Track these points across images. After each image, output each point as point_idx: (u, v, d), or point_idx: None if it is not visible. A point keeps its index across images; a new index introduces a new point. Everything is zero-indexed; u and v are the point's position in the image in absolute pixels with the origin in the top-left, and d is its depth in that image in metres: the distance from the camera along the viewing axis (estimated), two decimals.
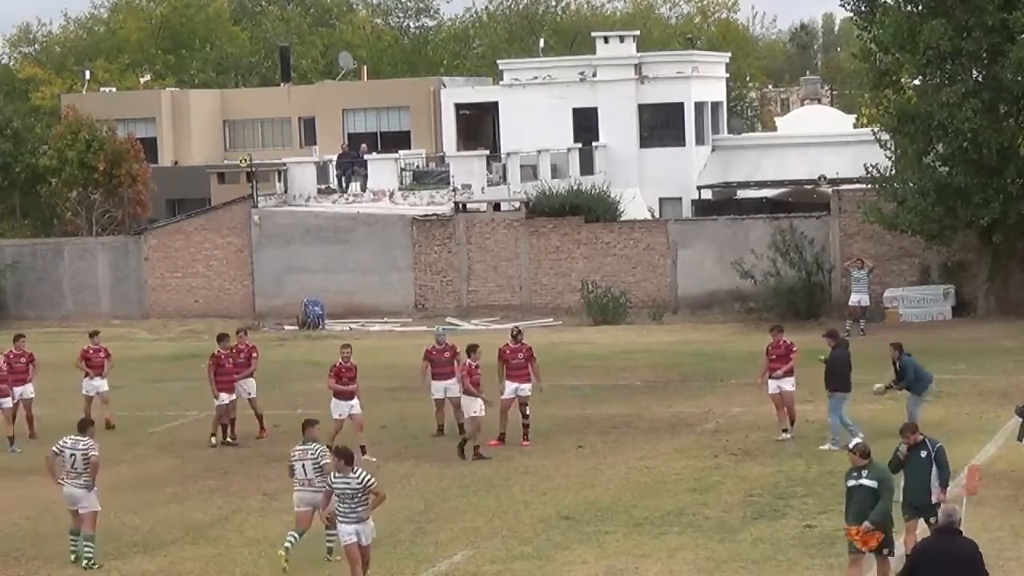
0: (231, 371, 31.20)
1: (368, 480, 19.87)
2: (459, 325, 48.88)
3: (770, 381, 29.53)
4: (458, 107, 69.39)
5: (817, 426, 28.78)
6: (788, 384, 29.42)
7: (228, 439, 31.18)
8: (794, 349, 29.61)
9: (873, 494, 18.50)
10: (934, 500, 19.72)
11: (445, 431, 30.83)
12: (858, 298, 43.97)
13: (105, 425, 32.38)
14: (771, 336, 30.09)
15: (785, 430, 29.45)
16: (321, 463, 21.42)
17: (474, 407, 28.56)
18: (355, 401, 29.08)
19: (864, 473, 18.64)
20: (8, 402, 32.36)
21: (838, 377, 28.25)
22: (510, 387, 29.79)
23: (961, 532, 15.67)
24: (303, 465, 21.64)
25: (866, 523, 18.46)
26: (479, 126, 70.26)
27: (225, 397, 31.00)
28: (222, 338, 31.86)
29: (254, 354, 32.11)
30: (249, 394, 31.68)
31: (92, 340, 34.10)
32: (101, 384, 33.39)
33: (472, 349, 29.17)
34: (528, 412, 29.85)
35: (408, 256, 51.47)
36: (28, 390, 33.12)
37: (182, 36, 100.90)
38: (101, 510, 22.60)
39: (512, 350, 30.11)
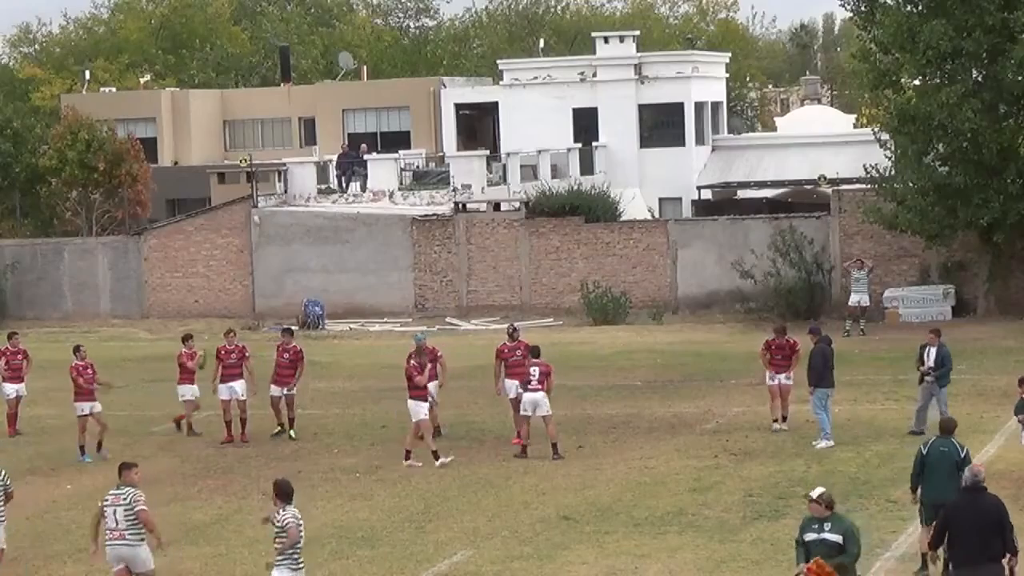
0: (284, 365, 31.42)
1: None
2: (459, 325, 48.91)
3: (774, 373, 30.02)
4: (458, 107, 69.37)
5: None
6: (786, 378, 29.93)
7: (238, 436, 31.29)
8: (798, 348, 30.05)
9: (837, 549, 16.63)
10: None
11: (443, 432, 30.68)
12: (858, 298, 43.97)
13: (187, 430, 32.23)
14: (775, 335, 30.30)
15: (776, 420, 29.97)
16: (136, 509, 18.92)
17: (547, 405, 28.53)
18: (428, 402, 28.60)
19: (827, 526, 16.77)
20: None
21: (817, 373, 28.43)
22: (511, 385, 29.63)
23: (986, 489, 17.06)
24: (115, 512, 18.93)
25: (837, 559, 16.50)
26: (479, 126, 70.24)
27: (275, 390, 31.32)
28: (285, 332, 32.44)
29: (246, 354, 31.80)
30: (240, 396, 31.25)
31: (186, 344, 32.83)
32: (195, 388, 32.53)
33: (538, 350, 29.14)
34: None
35: (408, 256, 51.47)
36: (22, 388, 33.21)
37: (182, 36, 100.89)
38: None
39: (510, 348, 30.04)
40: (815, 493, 17.04)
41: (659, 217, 58.57)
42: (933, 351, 28.41)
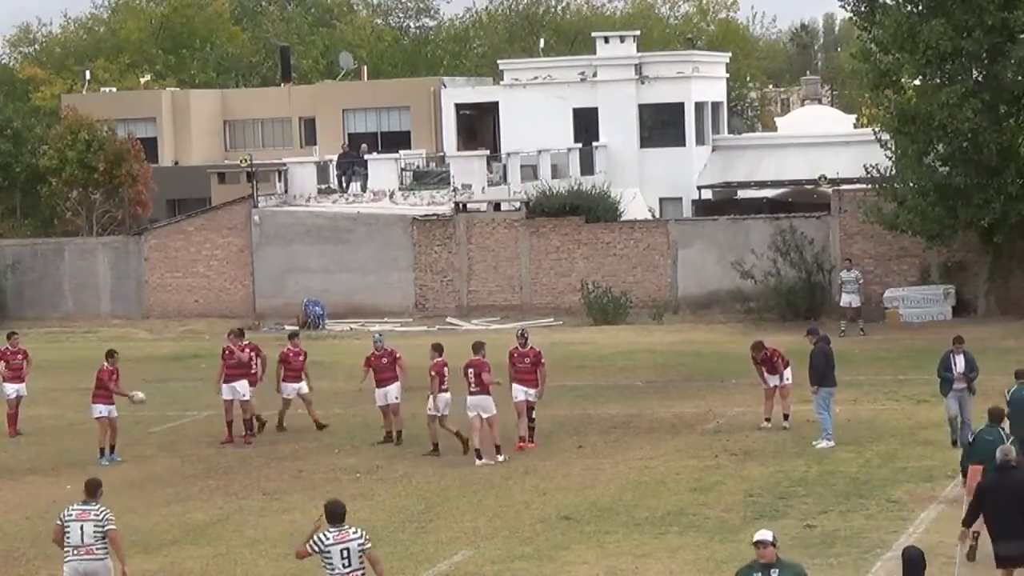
0: (297, 366, 31.87)
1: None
2: (459, 325, 48.91)
3: (768, 377, 30.33)
4: (458, 107, 69.38)
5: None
6: (780, 379, 30.22)
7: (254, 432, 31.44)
8: (776, 354, 30.34)
9: None
10: None
11: (395, 439, 30.39)
12: (848, 299, 43.89)
13: (316, 426, 32.04)
14: (752, 352, 30.56)
15: (767, 419, 30.26)
16: (106, 528, 18.25)
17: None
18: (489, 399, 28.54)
19: (774, 573, 15.04)
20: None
21: (820, 372, 28.50)
22: (517, 390, 29.51)
23: (1016, 467, 18.22)
24: (82, 527, 18.17)
25: None
26: (479, 126, 70.25)
27: (291, 390, 31.75)
28: (292, 336, 33.10)
29: (254, 355, 31.73)
30: (243, 396, 31.17)
31: (292, 342, 32.63)
32: (302, 386, 32.29)
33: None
34: (534, 416, 29.72)
35: (408, 256, 51.46)
36: (23, 388, 33.24)
37: (182, 36, 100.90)
38: None
39: (520, 354, 29.79)
40: (764, 536, 15.18)
41: (659, 217, 58.57)
42: (960, 358, 28.35)
